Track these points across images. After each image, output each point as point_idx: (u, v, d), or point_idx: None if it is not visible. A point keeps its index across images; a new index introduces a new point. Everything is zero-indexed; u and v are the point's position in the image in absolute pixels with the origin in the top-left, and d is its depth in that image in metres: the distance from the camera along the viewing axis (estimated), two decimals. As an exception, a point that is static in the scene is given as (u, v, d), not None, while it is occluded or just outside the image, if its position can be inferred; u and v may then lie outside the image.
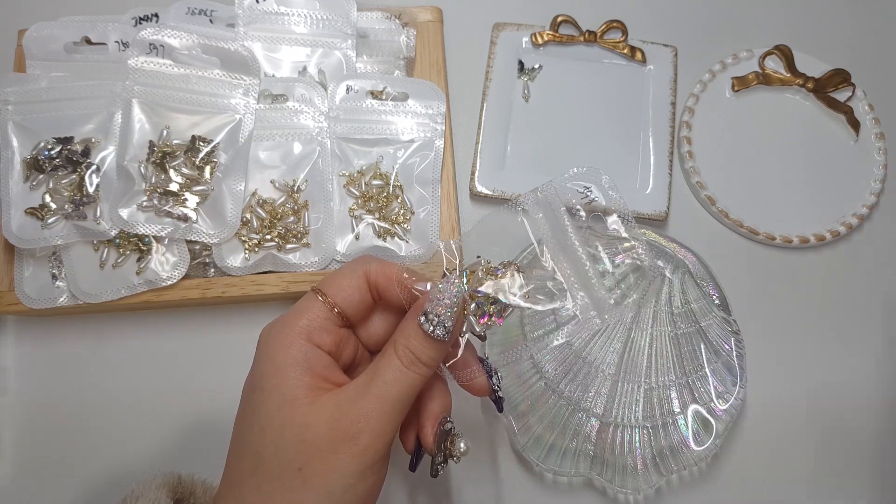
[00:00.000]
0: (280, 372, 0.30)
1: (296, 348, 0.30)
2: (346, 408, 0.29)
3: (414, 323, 0.30)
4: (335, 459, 0.29)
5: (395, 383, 0.30)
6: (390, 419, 0.30)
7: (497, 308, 0.31)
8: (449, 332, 0.30)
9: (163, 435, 0.45)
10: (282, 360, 0.30)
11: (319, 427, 0.29)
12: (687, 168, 0.50)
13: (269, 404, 0.30)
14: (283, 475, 0.29)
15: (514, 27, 0.52)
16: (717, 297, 0.43)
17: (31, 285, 0.44)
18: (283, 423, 0.29)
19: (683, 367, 0.42)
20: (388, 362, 0.30)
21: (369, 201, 0.46)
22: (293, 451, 0.29)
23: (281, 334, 0.31)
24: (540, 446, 0.41)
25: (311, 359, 0.31)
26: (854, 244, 0.50)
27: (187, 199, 0.44)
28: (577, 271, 0.34)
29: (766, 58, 0.53)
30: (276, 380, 0.30)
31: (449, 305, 0.30)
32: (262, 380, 0.30)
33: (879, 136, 0.51)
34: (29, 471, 0.44)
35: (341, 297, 0.32)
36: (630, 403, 0.42)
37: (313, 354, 0.31)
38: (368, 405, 0.29)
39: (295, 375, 0.30)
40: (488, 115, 0.50)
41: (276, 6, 0.48)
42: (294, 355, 0.30)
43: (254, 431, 0.30)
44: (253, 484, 0.29)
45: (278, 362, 0.30)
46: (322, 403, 0.30)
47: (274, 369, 0.30)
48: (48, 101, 0.45)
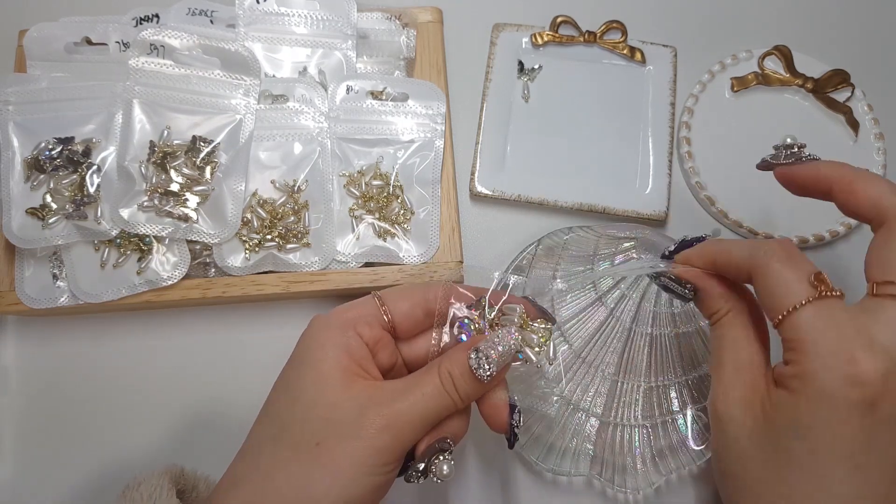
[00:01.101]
0: (321, 350, 0.32)
1: (338, 332, 0.32)
2: (378, 403, 0.30)
3: (464, 355, 0.31)
4: (352, 446, 0.29)
5: (430, 399, 0.31)
6: (415, 429, 0.31)
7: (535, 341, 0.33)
8: (491, 377, 0.31)
9: (163, 434, 0.45)
10: (324, 339, 0.32)
11: (349, 411, 0.30)
12: (686, 168, 0.50)
13: (305, 379, 0.31)
14: (300, 447, 0.30)
15: (514, 27, 0.52)
16: (716, 296, 0.43)
17: (32, 285, 0.44)
18: (314, 398, 0.31)
19: (683, 366, 0.42)
20: (430, 379, 0.31)
21: (369, 201, 0.46)
22: (316, 427, 0.30)
23: (328, 319, 0.33)
24: (539, 446, 0.41)
25: (352, 345, 0.32)
26: (854, 244, 0.50)
27: (188, 199, 0.44)
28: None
29: (766, 58, 0.53)
30: (317, 355, 0.32)
31: (501, 353, 0.31)
32: (303, 355, 0.32)
33: (879, 137, 0.51)
34: (29, 470, 0.44)
35: (394, 304, 0.34)
36: (630, 403, 0.42)
37: (354, 341, 0.32)
38: (401, 408, 0.30)
39: (334, 355, 0.31)
40: (488, 115, 0.50)
41: (276, 7, 0.48)
42: (334, 337, 0.32)
43: (284, 401, 0.31)
44: (270, 450, 0.30)
45: (321, 341, 0.32)
46: (356, 390, 0.31)
47: (316, 346, 0.32)
48: (49, 101, 0.45)
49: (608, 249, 0.44)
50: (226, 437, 0.45)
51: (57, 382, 0.46)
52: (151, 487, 0.33)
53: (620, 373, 0.42)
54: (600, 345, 0.42)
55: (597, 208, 0.48)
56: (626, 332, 0.42)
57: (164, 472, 0.35)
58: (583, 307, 0.43)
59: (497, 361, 0.31)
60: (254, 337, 0.47)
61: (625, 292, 0.43)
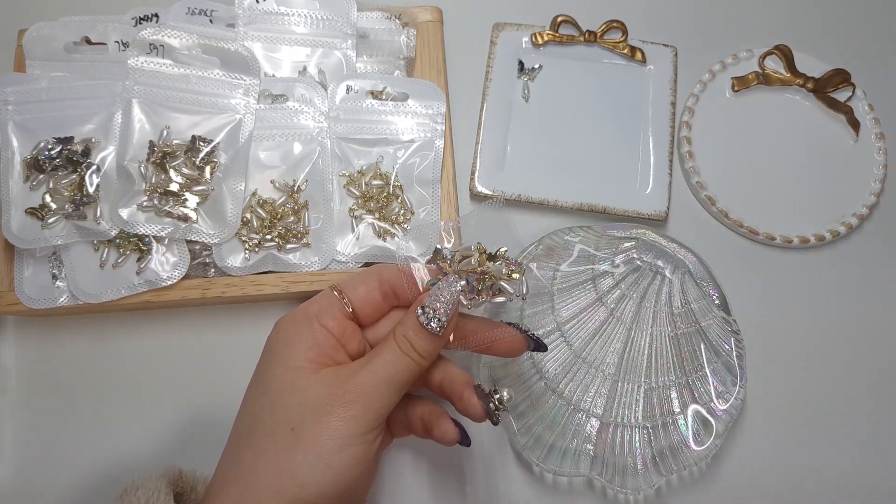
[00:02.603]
0: (289, 345, 0.33)
1: (303, 327, 0.34)
2: (343, 378, 0.32)
3: (413, 315, 0.33)
4: (327, 422, 0.31)
5: (390, 364, 0.33)
6: (382, 395, 0.32)
7: (485, 287, 0.33)
8: (443, 327, 0.33)
9: (163, 434, 0.45)
10: (291, 335, 0.34)
11: (318, 392, 0.32)
12: (687, 168, 0.50)
13: (274, 371, 0.33)
14: (277, 433, 0.31)
15: (514, 27, 0.52)
16: (717, 297, 0.43)
17: (32, 285, 0.44)
18: (283, 387, 0.32)
19: (683, 367, 0.42)
20: (387, 346, 0.33)
21: (369, 201, 0.46)
22: (290, 412, 0.31)
23: (294, 316, 0.34)
24: (540, 446, 0.41)
25: (318, 337, 0.33)
26: (854, 244, 0.50)
27: (187, 199, 0.44)
28: None
29: (766, 58, 0.53)
30: (285, 351, 0.33)
31: (445, 302, 0.33)
32: (271, 352, 0.34)
33: (879, 136, 0.51)
34: (28, 470, 0.44)
35: (352, 292, 0.35)
36: (630, 403, 0.42)
37: (320, 334, 0.34)
38: (364, 378, 0.32)
39: (302, 349, 0.33)
40: (488, 115, 0.50)
41: (276, 6, 0.48)
42: (301, 332, 0.34)
43: (255, 394, 0.33)
44: (247, 442, 0.32)
45: (288, 337, 0.34)
46: (323, 374, 0.32)
47: (284, 342, 0.34)
48: (48, 101, 0.45)
49: (608, 249, 0.44)
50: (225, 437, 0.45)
51: (56, 382, 0.46)
52: (149, 492, 0.33)
53: (621, 373, 0.42)
54: (600, 345, 0.42)
55: (597, 208, 0.48)
56: (627, 332, 0.42)
57: (162, 476, 0.35)
58: (583, 307, 0.43)
59: (443, 311, 0.33)
60: (253, 337, 0.47)
61: (625, 292, 0.43)
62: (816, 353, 0.47)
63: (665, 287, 0.43)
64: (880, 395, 0.47)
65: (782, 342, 0.47)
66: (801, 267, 0.49)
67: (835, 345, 0.48)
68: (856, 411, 0.46)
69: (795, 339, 0.48)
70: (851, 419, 0.46)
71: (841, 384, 0.47)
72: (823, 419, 0.46)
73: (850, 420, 0.46)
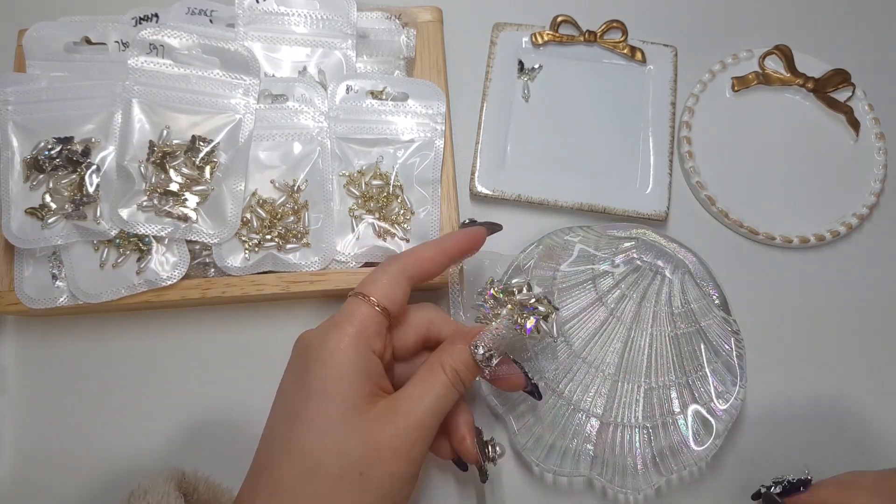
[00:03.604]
0: (344, 379, 0.31)
1: (357, 356, 0.32)
2: (405, 417, 0.31)
3: (465, 349, 0.34)
4: (394, 465, 0.31)
5: (443, 398, 0.33)
6: (436, 428, 0.33)
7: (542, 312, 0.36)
8: (495, 365, 0.34)
9: (163, 434, 0.45)
10: (346, 368, 0.31)
11: (383, 435, 0.31)
12: (687, 168, 0.50)
13: (331, 411, 0.31)
14: (345, 478, 0.30)
15: (514, 27, 0.52)
16: (717, 297, 0.43)
17: (31, 285, 0.44)
18: (347, 430, 0.31)
19: (683, 367, 0.42)
20: (437, 379, 0.33)
21: (369, 201, 0.46)
22: (356, 456, 0.30)
23: (339, 341, 0.32)
24: (540, 446, 0.41)
25: (371, 367, 0.32)
26: (854, 244, 0.50)
27: (187, 199, 0.44)
28: None
29: (766, 58, 0.53)
30: (340, 387, 0.31)
31: (501, 341, 0.34)
32: (322, 385, 0.31)
33: (879, 136, 0.51)
34: (29, 471, 0.44)
35: (386, 298, 0.34)
36: (630, 403, 0.42)
37: (372, 363, 0.32)
38: (423, 417, 0.32)
39: (358, 383, 0.31)
40: (488, 115, 0.50)
41: (276, 6, 0.48)
42: (356, 363, 0.32)
43: (311, 436, 0.31)
44: (311, 486, 0.30)
45: (343, 370, 0.31)
46: (382, 412, 0.31)
47: (337, 376, 0.31)
48: (48, 101, 0.45)
49: (608, 249, 0.44)
50: (225, 436, 0.45)
51: (56, 382, 0.46)
52: (158, 496, 0.33)
53: (621, 373, 0.42)
54: (600, 345, 0.42)
55: (597, 208, 0.48)
56: (627, 332, 0.42)
57: (170, 478, 0.34)
58: (583, 307, 0.43)
59: (497, 351, 0.34)
60: (253, 337, 0.47)
61: (625, 292, 0.43)
62: (816, 352, 0.47)
63: (665, 287, 0.43)
64: (880, 395, 0.47)
65: (782, 342, 0.47)
66: (801, 267, 0.49)
67: (835, 345, 0.48)
68: (856, 411, 0.46)
69: (795, 339, 0.48)
70: (851, 419, 0.46)
71: (841, 384, 0.47)
72: (823, 419, 0.46)
73: (849, 420, 0.46)
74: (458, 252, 0.37)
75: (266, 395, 0.46)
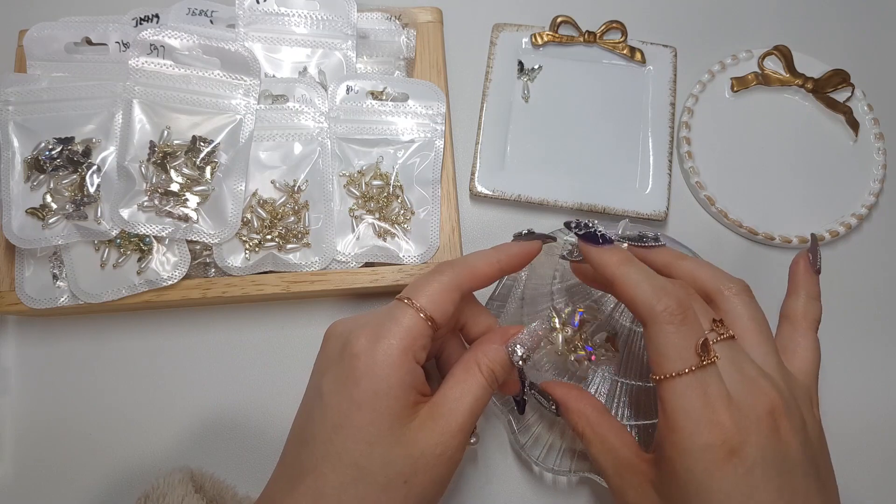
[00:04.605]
0: (392, 393, 0.31)
1: (405, 370, 0.32)
2: (447, 423, 0.32)
3: (501, 349, 0.34)
4: (437, 470, 0.31)
5: (480, 400, 0.33)
6: (473, 426, 0.33)
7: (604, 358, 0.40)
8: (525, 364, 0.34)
9: (164, 434, 0.45)
10: (395, 382, 0.31)
11: (427, 444, 0.31)
12: (686, 168, 0.50)
13: (379, 423, 0.31)
14: (391, 487, 0.31)
15: (514, 28, 0.52)
16: (716, 296, 0.43)
17: (32, 285, 0.44)
18: (393, 441, 0.31)
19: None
20: (474, 380, 0.33)
21: (369, 201, 0.46)
22: (401, 465, 0.31)
23: (388, 354, 0.32)
24: (540, 446, 0.41)
25: (416, 379, 0.32)
26: (853, 244, 0.50)
27: (188, 199, 0.44)
28: None
29: (766, 58, 0.53)
30: (388, 402, 0.31)
31: (538, 343, 0.35)
32: (372, 400, 0.31)
33: (878, 137, 0.51)
34: (30, 471, 0.44)
35: (433, 307, 0.33)
36: (630, 403, 0.42)
37: (418, 374, 0.32)
38: (463, 421, 0.32)
39: (404, 396, 0.32)
40: (488, 115, 0.50)
41: (276, 7, 0.48)
42: (404, 377, 0.32)
43: (359, 447, 0.31)
44: (357, 494, 0.31)
45: (392, 384, 0.31)
46: (424, 420, 0.32)
47: (386, 391, 0.31)
48: (49, 101, 0.45)
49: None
50: (226, 435, 0.45)
51: (57, 383, 0.46)
52: (178, 497, 0.33)
53: (621, 373, 0.42)
54: (600, 345, 0.42)
55: (597, 208, 0.48)
56: (627, 332, 0.42)
57: (185, 478, 0.34)
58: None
59: (534, 350, 0.35)
60: (253, 337, 0.47)
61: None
62: (816, 352, 0.47)
63: (665, 287, 0.43)
64: (880, 395, 0.47)
65: (782, 342, 0.47)
66: (801, 267, 0.49)
67: (834, 345, 0.48)
68: (855, 411, 0.46)
69: (795, 339, 0.48)
70: (851, 419, 0.46)
71: (841, 384, 0.47)
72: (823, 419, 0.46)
73: (849, 420, 0.46)
74: (513, 266, 0.36)
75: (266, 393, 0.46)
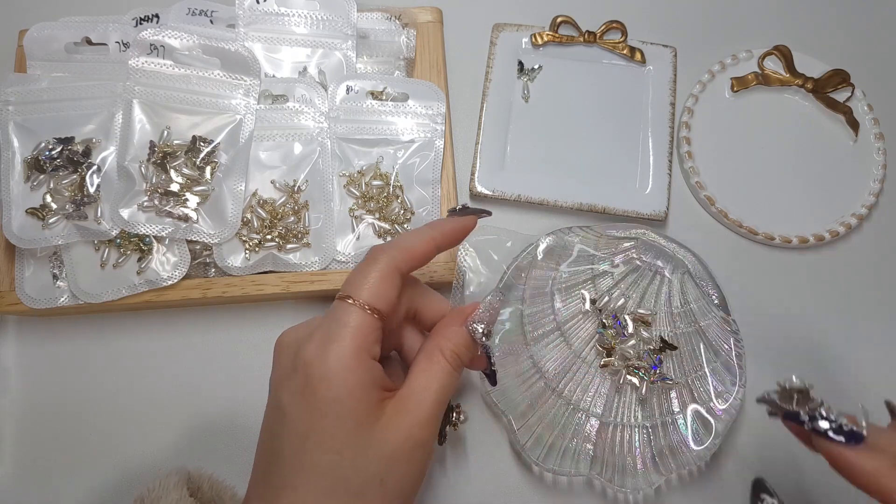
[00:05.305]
0: (353, 396, 0.30)
1: (362, 369, 0.30)
2: (415, 415, 0.31)
3: (462, 330, 0.33)
4: (411, 466, 0.31)
5: (447, 386, 0.32)
6: (443, 413, 0.32)
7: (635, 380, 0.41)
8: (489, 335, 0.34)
9: (164, 433, 0.45)
10: (353, 384, 0.30)
11: (398, 441, 0.30)
12: (686, 168, 0.50)
13: (344, 428, 0.30)
14: (367, 490, 0.30)
15: (514, 28, 0.52)
16: (716, 296, 0.44)
17: (32, 285, 0.44)
18: (361, 444, 0.30)
19: (683, 366, 0.42)
20: (440, 367, 0.32)
21: (369, 201, 0.46)
22: (374, 467, 0.30)
23: (340, 357, 0.30)
24: (540, 446, 0.41)
25: (376, 376, 0.31)
26: (853, 244, 0.50)
27: (188, 199, 0.44)
28: None
29: (766, 58, 0.53)
30: (350, 404, 0.30)
31: (496, 316, 0.34)
32: (331, 406, 0.30)
33: (878, 137, 0.51)
34: (29, 471, 0.44)
35: (377, 299, 0.32)
36: (629, 403, 0.42)
37: (375, 370, 0.31)
38: (431, 410, 0.31)
39: (366, 396, 0.30)
40: (488, 115, 0.50)
41: (276, 7, 0.48)
42: (362, 377, 0.30)
43: (328, 456, 0.30)
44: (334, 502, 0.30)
45: (350, 387, 0.30)
46: (391, 417, 0.31)
47: (346, 395, 0.30)
48: (49, 101, 0.45)
49: (608, 249, 0.44)
50: (226, 434, 0.45)
51: (57, 383, 0.46)
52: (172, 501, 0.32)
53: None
54: (600, 345, 0.42)
55: (597, 208, 0.48)
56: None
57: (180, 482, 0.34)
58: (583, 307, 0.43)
59: (490, 322, 0.34)
60: (253, 337, 0.47)
61: (624, 292, 0.43)
62: (815, 353, 0.47)
63: (664, 287, 0.43)
64: (879, 395, 0.47)
65: (782, 342, 0.48)
66: (801, 267, 0.49)
67: (834, 345, 0.48)
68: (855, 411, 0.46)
69: (795, 340, 0.48)
70: (851, 419, 0.46)
71: (840, 384, 0.47)
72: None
73: (849, 420, 0.46)
74: (448, 242, 0.35)
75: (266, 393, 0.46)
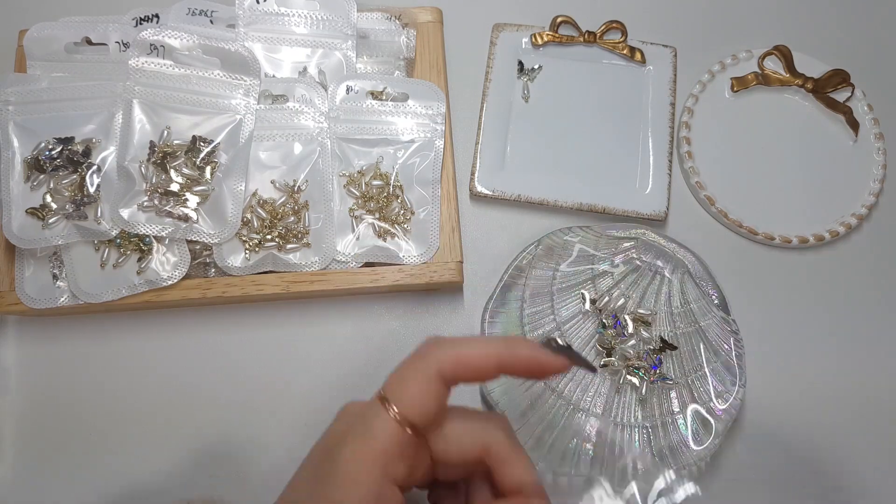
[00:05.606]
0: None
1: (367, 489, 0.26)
2: None
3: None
4: None
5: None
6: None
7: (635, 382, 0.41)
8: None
9: (164, 434, 0.45)
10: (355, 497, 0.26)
11: None
12: (686, 168, 0.50)
13: None
14: None
15: (514, 28, 0.52)
16: (716, 296, 0.44)
17: (32, 285, 0.44)
18: None
19: (683, 366, 0.42)
20: None
21: (369, 201, 0.46)
22: None
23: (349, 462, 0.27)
24: (540, 446, 0.41)
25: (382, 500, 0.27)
26: (853, 244, 0.50)
27: (188, 199, 0.44)
28: None
29: (766, 58, 0.53)
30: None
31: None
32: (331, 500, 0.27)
33: (878, 137, 0.51)
34: (30, 471, 0.44)
35: (414, 409, 0.27)
36: (629, 403, 0.42)
37: (384, 496, 0.27)
38: None
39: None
40: (488, 115, 0.50)
41: (276, 7, 0.48)
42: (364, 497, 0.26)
43: None
44: None
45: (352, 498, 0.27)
46: None
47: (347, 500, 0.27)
48: (49, 101, 0.45)
49: (608, 249, 0.44)
50: (226, 436, 0.45)
51: (57, 382, 0.46)
52: None
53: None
54: (600, 345, 0.42)
55: (597, 208, 0.48)
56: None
57: None
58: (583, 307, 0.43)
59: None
60: (253, 337, 0.47)
61: (624, 292, 0.43)
62: (815, 353, 0.47)
63: (664, 287, 0.43)
64: (879, 395, 0.47)
65: (782, 342, 0.48)
66: (801, 267, 0.49)
67: (834, 345, 0.48)
68: (855, 411, 0.46)
69: (795, 339, 0.48)
70: (851, 419, 0.46)
71: (840, 384, 0.47)
72: (822, 419, 0.46)
73: (849, 420, 0.46)
74: (517, 370, 0.29)
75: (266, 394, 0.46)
